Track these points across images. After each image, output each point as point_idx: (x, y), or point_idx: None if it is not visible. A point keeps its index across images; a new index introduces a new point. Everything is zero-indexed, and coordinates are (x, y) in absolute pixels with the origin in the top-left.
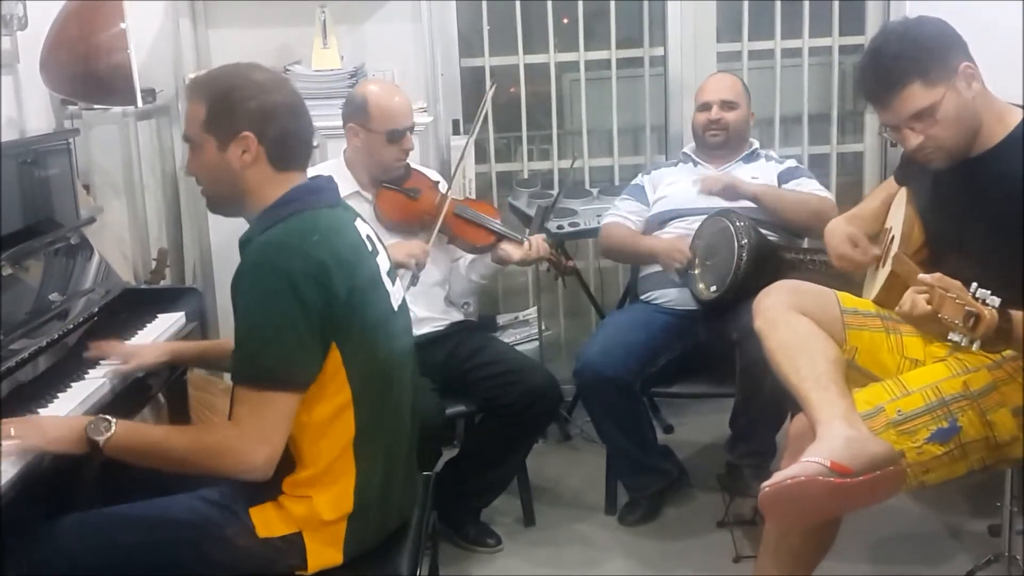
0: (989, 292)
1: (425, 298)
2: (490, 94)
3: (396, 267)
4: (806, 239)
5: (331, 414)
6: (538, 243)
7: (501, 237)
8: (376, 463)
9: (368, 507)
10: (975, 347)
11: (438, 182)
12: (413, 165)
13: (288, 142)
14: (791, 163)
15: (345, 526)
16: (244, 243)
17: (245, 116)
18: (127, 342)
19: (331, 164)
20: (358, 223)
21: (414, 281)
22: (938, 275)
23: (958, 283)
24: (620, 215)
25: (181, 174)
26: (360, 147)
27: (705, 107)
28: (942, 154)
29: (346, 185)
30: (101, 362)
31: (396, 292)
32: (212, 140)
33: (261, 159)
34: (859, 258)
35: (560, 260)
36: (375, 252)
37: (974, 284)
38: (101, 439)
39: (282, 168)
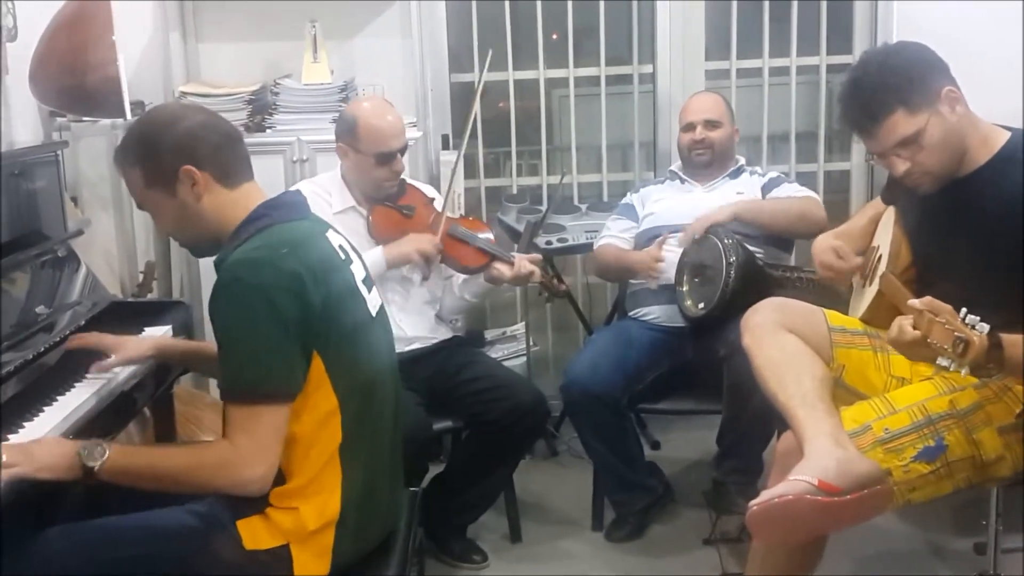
0: (979, 318)
1: (416, 316)
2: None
3: (404, 263)
4: (792, 255)
5: (319, 423)
6: (530, 264)
7: (494, 257)
8: (360, 468)
9: (353, 512)
10: (964, 373)
11: (433, 199)
12: (409, 181)
13: (223, 155)
14: (773, 174)
15: (332, 535)
16: (218, 264)
17: (172, 154)
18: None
19: (327, 177)
20: (330, 234)
21: (426, 275)
22: (928, 299)
23: (948, 307)
24: (612, 235)
25: None
26: (351, 166)
27: (689, 127)
28: (929, 179)
29: (342, 200)
30: (87, 375)
31: (373, 299)
32: (159, 192)
33: (211, 183)
34: (842, 267)
35: (552, 282)
36: (349, 261)
37: (963, 309)
38: (95, 465)
39: (233, 184)
